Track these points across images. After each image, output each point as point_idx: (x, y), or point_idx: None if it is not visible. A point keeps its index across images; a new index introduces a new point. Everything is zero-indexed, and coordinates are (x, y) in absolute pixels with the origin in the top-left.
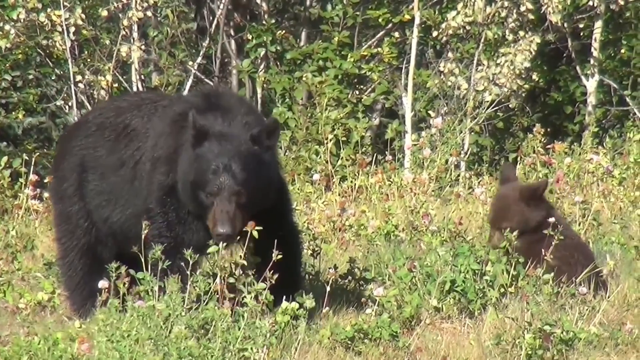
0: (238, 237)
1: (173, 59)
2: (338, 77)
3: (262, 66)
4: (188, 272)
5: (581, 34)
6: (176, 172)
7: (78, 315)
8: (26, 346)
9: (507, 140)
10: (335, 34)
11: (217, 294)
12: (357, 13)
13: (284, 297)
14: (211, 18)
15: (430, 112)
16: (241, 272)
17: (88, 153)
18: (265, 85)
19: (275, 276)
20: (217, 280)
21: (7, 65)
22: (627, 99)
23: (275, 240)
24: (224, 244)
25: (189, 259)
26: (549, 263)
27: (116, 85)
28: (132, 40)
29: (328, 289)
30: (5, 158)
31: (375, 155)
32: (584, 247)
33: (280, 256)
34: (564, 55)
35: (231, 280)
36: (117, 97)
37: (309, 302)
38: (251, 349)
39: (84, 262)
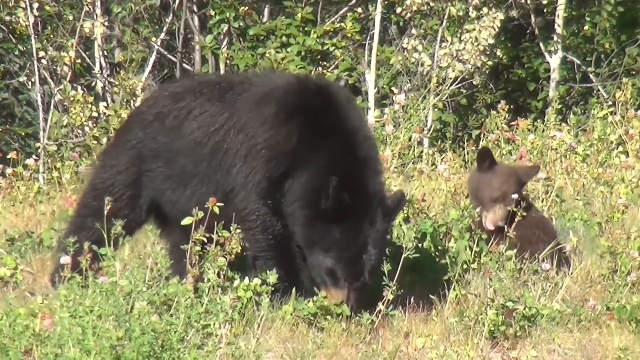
0: None
1: (136, 35)
2: (301, 54)
3: (225, 42)
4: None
5: (544, 10)
6: (287, 164)
7: None
8: None
9: (471, 116)
10: (298, 10)
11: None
12: None
13: None
14: None
15: (393, 88)
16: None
17: (147, 144)
18: (228, 61)
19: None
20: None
21: None
22: (591, 76)
23: None
24: None
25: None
26: (511, 240)
27: (79, 61)
28: (95, 16)
29: None
30: None
31: None
32: (547, 224)
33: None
34: (528, 31)
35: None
36: (169, 84)
37: (272, 278)
38: (214, 324)
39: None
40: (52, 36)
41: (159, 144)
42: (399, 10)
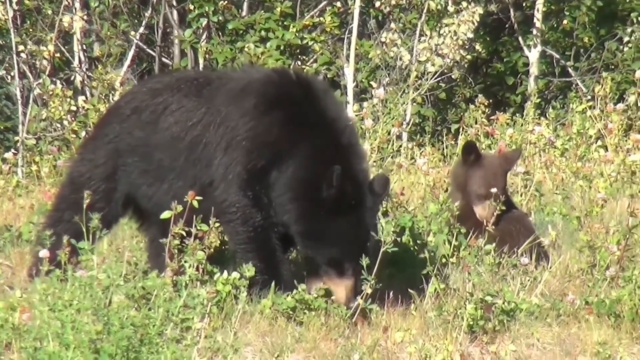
0: None
1: (115, 29)
2: (280, 48)
3: (204, 36)
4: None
5: (524, 4)
6: (270, 155)
7: None
8: None
9: (450, 111)
10: (277, 4)
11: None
12: None
13: None
14: None
15: (372, 82)
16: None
17: (124, 138)
18: (207, 55)
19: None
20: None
21: None
22: (570, 70)
23: None
24: None
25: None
26: (490, 233)
27: (58, 55)
28: (74, 10)
29: None
30: None
31: None
32: (524, 219)
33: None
34: (507, 26)
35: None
36: (148, 79)
37: (249, 272)
38: (192, 318)
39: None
40: (31, 30)
41: (135, 139)
42: (377, 4)
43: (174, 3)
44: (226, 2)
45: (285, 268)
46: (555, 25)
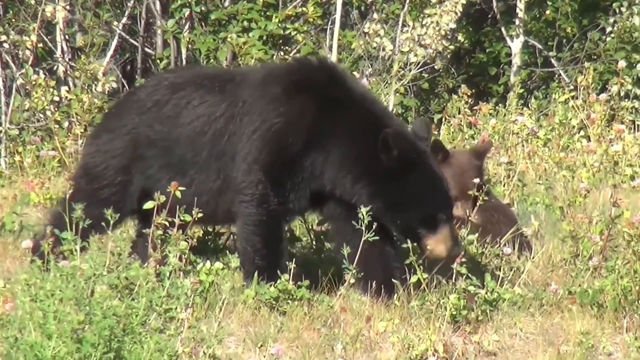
0: None
1: (98, 19)
2: (263, 38)
3: (186, 26)
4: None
5: None
6: (304, 140)
7: None
8: None
9: (433, 101)
10: None
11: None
12: None
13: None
14: None
15: (355, 73)
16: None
17: (142, 131)
18: (190, 45)
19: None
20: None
21: None
22: (552, 60)
23: None
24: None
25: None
26: (473, 224)
27: (41, 45)
28: (56, 0)
29: None
30: None
31: None
32: (506, 209)
33: None
34: (489, 16)
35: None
36: (165, 73)
37: (234, 262)
38: (175, 308)
39: None
40: (13, 20)
41: (156, 132)
42: None
43: None
44: None
45: (285, 260)
46: (537, 16)
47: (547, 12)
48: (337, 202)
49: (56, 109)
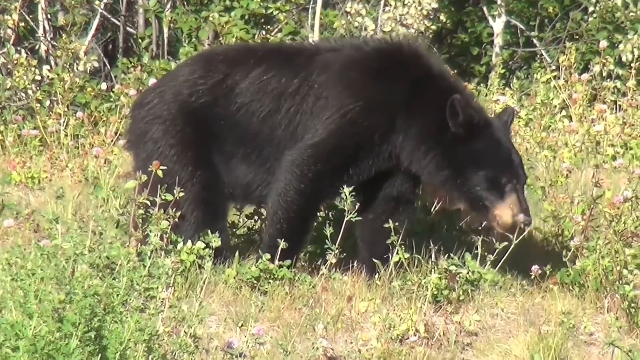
0: None
1: None
2: (244, 17)
3: (168, 5)
4: None
5: None
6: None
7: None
8: None
9: None
10: None
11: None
12: None
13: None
14: None
15: None
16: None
17: (204, 106)
18: (171, 25)
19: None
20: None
21: None
22: (534, 40)
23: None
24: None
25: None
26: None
27: (23, 24)
28: None
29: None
30: None
31: None
32: None
33: None
34: None
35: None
36: (211, 50)
37: (215, 242)
38: (156, 288)
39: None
40: None
41: (220, 107)
42: None
43: None
44: None
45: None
46: None
47: None
48: (402, 178)
49: (38, 88)
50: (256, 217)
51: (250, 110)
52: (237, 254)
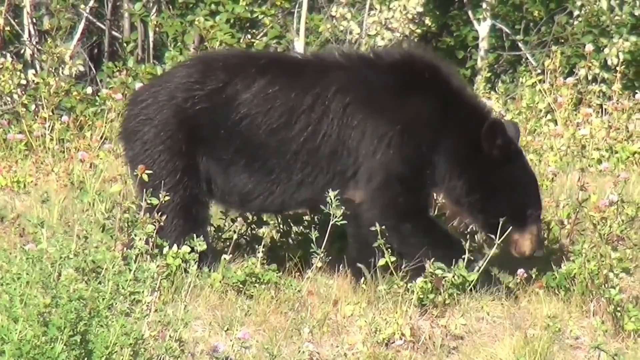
0: None
1: (65, 2)
2: (230, 21)
3: (154, 10)
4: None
5: None
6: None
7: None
8: None
9: None
10: None
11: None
12: None
13: None
14: None
15: None
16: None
17: (200, 113)
18: (157, 29)
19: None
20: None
21: None
22: (520, 44)
23: None
24: None
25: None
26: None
27: (8, 28)
28: None
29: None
30: None
31: None
32: None
33: None
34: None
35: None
36: (207, 55)
37: (201, 246)
38: (142, 292)
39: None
40: None
41: (219, 116)
42: None
43: None
44: None
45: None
46: None
47: None
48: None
49: (23, 92)
50: (242, 221)
51: (254, 122)
52: (222, 258)
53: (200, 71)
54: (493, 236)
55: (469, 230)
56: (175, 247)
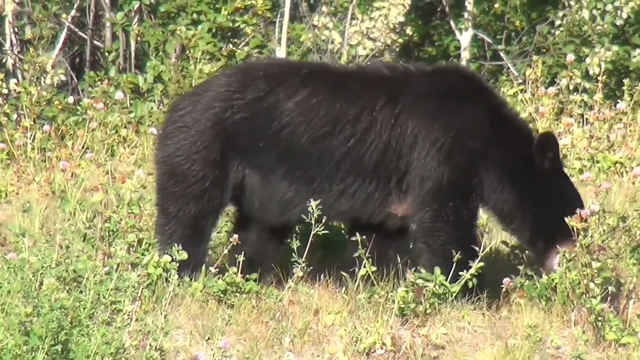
0: None
1: (46, 11)
2: (212, 31)
3: (135, 19)
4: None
5: None
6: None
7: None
8: None
9: None
10: None
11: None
12: None
13: None
14: None
15: None
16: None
17: (239, 122)
18: (139, 38)
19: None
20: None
21: None
22: (501, 54)
23: None
24: None
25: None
26: None
27: None
28: None
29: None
30: None
31: None
32: None
33: None
34: (438, 9)
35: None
36: (248, 64)
37: (181, 255)
38: (123, 301)
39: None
40: None
41: (259, 124)
42: None
43: None
44: None
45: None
46: (486, 9)
47: (496, 5)
48: None
49: (5, 101)
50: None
51: (297, 131)
52: (203, 267)
53: (239, 80)
54: (537, 250)
55: None
56: (156, 256)
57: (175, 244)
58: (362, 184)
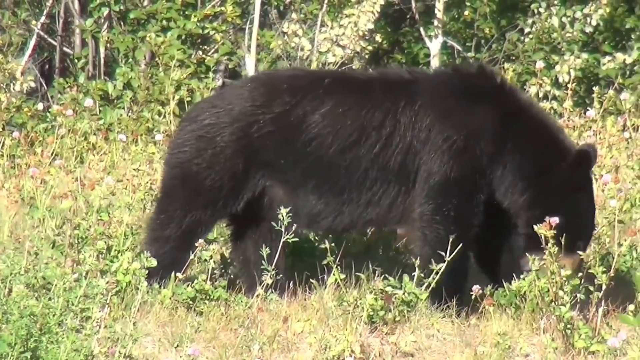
0: None
1: (16, 18)
2: (181, 37)
3: (105, 26)
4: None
5: None
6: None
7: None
8: None
9: None
10: None
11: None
12: None
13: None
14: None
15: None
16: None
17: (264, 135)
18: (108, 45)
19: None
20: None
21: None
22: (471, 61)
23: None
24: None
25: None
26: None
27: None
28: None
29: None
30: None
31: None
32: None
33: None
34: (408, 16)
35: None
36: (268, 74)
37: (150, 262)
38: (92, 308)
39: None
40: None
41: (286, 138)
42: None
43: None
44: None
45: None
46: (456, 16)
47: (466, 12)
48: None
49: None
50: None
51: (325, 143)
52: (173, 274)
53: (264, 94)
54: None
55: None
56: (125, 263)
57: (166, 246)
58: (386, 190)
